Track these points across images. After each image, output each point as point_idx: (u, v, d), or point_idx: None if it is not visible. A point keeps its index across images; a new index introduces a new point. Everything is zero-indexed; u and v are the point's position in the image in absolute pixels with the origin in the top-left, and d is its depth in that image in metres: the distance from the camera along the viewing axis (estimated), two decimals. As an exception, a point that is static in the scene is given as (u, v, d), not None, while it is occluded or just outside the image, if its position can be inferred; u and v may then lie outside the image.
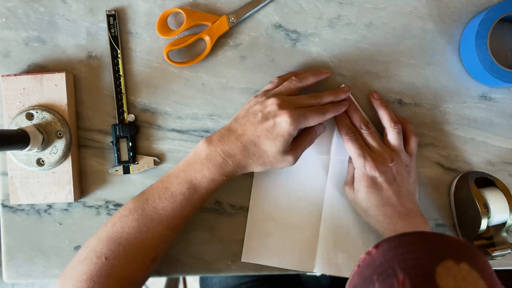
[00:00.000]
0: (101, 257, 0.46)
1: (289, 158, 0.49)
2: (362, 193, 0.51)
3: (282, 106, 0.48)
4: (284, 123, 0.47)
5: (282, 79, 0.53)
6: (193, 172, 0.48)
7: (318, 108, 0.50)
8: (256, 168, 0.49)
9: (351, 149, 0.52)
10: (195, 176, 0.48)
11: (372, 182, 0.50)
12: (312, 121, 0.49)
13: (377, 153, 0.51)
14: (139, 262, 0.48)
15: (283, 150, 0.48)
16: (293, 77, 0.52)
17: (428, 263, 0.33)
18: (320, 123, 0.52)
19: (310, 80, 0.52)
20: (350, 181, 0.53)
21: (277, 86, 0.52)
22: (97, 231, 0.49)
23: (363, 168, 0.50)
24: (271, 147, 0.48)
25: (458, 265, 0.33)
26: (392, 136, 0.52)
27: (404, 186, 0.50)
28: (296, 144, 0.50)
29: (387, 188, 0.50)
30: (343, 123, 0.53)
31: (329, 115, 0.51)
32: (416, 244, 0.37)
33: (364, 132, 0.52)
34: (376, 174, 0.50)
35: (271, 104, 0.48)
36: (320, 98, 0.51)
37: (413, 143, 0.53)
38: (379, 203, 0.50)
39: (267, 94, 0.50)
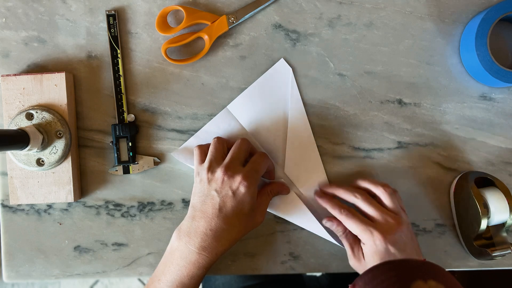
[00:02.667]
0: None
1: (258, 219, 0.50)
2: (370, 259, 0.49)
3: (230, 173, 0.48)
4: (241, 187, 0.47)
5: (205, 146, 0.53)
6: (172, 274, 0.48)
7: (259, 153, 0.51)
8: (231, 246, 0.49)
9: (353, 226, 0.49)
10: (175, 278, 0.48)
11: (386, 255, 0.48)
12: (264, 167, 0.50)
13: (381, 222, 0.48)
14: None
15: (250, 214, 0.48)
16: (215, 138, 0.52)
17: (401, 287, 0.35)
18: (284, 186, 0.53)
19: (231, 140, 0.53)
20: (356, 256, 0.51)
21: (203, 153, 0.52)
22: None
23: (373, 244, 0.48)
24: (239, 217, 0.48)
25: (426, 282, 0.36)
26: (388, 199, 0.50)
27: (413, 249, 0.49)
28: (260, 203, 0.51)
29: (400, 256, 0.48)
30: (333, 205, 0.52)
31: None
32: (387, 273, 0.39)
33: (358, 201, 0.50)
34: (387, 246, 0.47)
35: (220, 176, 0.48)
36: (248, 143, 0.52)
37: (399, 198, 0.52)
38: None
39: (207, 168, 0.49)
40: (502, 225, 0.53)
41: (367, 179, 0.52)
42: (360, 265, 0.51)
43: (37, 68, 0.56)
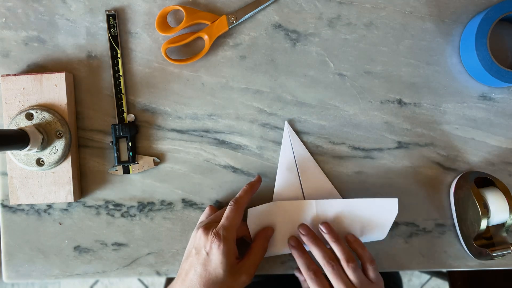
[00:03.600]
0: None
1: (242, 278, 0.48)
2: None
3: (206, 232, 0.48)
4: (214, 245, 0.46)
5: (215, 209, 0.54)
6: None
7: (235, 202, 0.50)
8: None
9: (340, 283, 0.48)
10: None
11: None
12: (237, 219, 0.49)
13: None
14: None
15: (228, 273, 0.47)
16: (231, 203, 0.50)
17: None
18: (266, 240, 0.52)
19: (246, 197, 0.51)
20: None
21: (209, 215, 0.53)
22: None
23: None
24: (217, 276, 0.46)
25: None
26: (373, 272, 0.50)
27: None
28: (246, 261, 0.49)
29: None
30: (302, 261, 0.51)
31: (244, 199, 0.51)
32: None
33: (329, 272, 0.49)
34: None
35: (199, 236, 0.48)
36: (237, 199, 0.51)
37: (372, 272, 0.50)
38: None
39: (196, 229, 0.50)
40: (502, 225, 0.53)
41: (357, 241, 0.52)
42: None
43: (37, 68, 0.56)
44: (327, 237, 0.51)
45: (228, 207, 0.50)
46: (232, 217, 0.49)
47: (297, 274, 0.55)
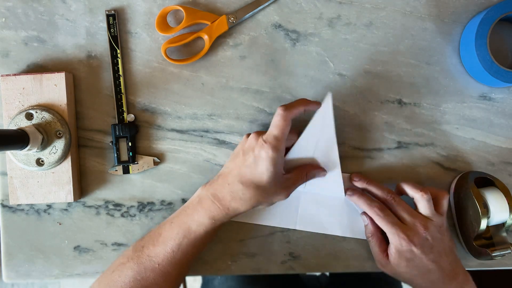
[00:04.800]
0: None
1: (281, 192, 0.48)
2: (402, 267, 0.50)
3: (257, 137, 0.47)
4: (263, 151, 0.45)
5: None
6: (185, 216, 0.49)
7: (284, 109, 0.47)
8: (246, 208, 0.47)
9: (382, 224, 0.50)
10: (186, 220, 0.48)
11: (411, 257, 0.49)
12: (286, 128, 0.46)
13: (409, 224, 0.50)
14: None
15: (271, 180, 0.46)
16: (280, 109, 0.47)
17: None
18: (322, 169, 0.52)
19: (297, 108, 0.48)
20: (382, 256, 0.52)
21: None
22: (101, 275, 0.50)
23: (399, 245, 0.49)
24: (259, 180, 0.46)
25: None
26: (423, 205, 0.51)
27: (443, 251, 0.50)
28: (288, 178, 0.50)
29: (426, 260, 0.49)
30: (364, 200, 0.52)
31: (295, 108, 0.48)
32: None
33: (391, 202, 0.51)
34: (412, 248, 0.49)
35: (249, 139, 0.48)
36: (287, 106, 0.48)
37: (445, 203, 0.52)
38: (421, 272, 0.50)
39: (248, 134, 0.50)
40: (502, 225, 0.53)
41: (409, 183, 0.52)
42: (386, 264, 0.52)
43: (37, 68, 0.56)
44: (361, 183, 0.54)
45: (277, 115, 0.47)
46: (282, 126, 0.46)
47: (363, 217, 0.54)
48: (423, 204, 0.51)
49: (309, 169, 0.52)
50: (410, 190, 0.52)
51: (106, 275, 0.49)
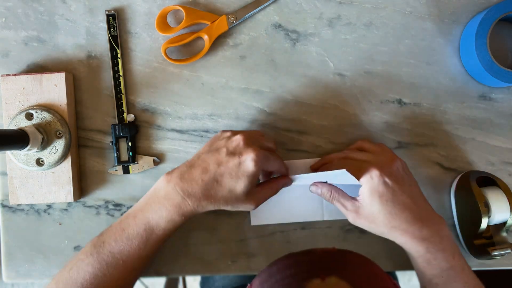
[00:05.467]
0: None
1: (251, 203, 0.47)
2: (376, 206, 0.47)
3: (248, 143, 0.46)
4: (250, 161, 0.45)
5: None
6: (151, 212, 0.46)
7: (276, 156, 0.50)
8: (214, 207, 0.47)
9: (348, 167, 0.47)
10: (152, 217, 0.46)
11: (384, 189, 0.47)
12: (274, 165, 0.49)
13: (374, 159, 0.49)
14: None
15: (246, 191, 0.46)
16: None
17: None
18: (288, 178, 0.52)
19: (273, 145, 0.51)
20: (352, 210, 0.49)
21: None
22: (58, 273, 0.48)
23: (370, 180, 0.47)
24: (235, 186, 0.45)
25: (324, 280, 0.32)
26: (373, 145, 0.51)
27: (413, 185, 0.49)
28: (259, 190, 0.49)
29: (401, 192, 0.47)
30: (327, 158, 0.53)
31: (284, 170, 0.51)
32: (283, 271, 0.37)
33: (348, 152, 0.51)
34: (384, 178, 0.47)
35: (237, 140, 0.47)
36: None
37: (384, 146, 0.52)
38: (397, 210, 0.47)
39: (233, 131, 0.49)
40: (502, 225, 0.53)
41: (343, 152, 0.53)
42: (359, 217, 0.49)
43: (37, 68, 0.56)
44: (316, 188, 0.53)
45: (270, 142, 0.50)
46: (276, 159, 0.48)
47: (313, 188, 0.53)
48: (374, 145, 0.50)
49: (279, 181, 0.52)
50: (355, 146, 0.52)
51: (63, 273, 0.47)
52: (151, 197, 0.47)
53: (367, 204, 0.48)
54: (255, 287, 0.38)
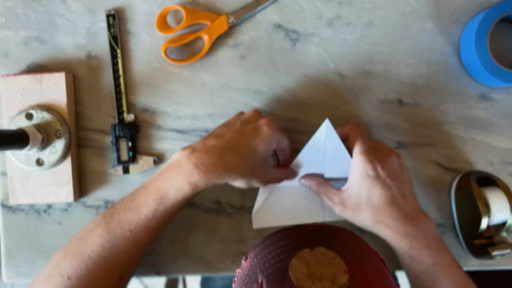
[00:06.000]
0: (64, 275, 0.44)
1: (263, 178, 0.48)
2: (363, 197, 0.47)
3: (260, 115, 0.48)
4: (265, 126, 0.46)
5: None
6: (162, 181, 0.45)
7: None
8: (227, 177, 0.45)
9: (356, 149, 0.48)
10: (163, 186, 0.45)
11: (375, 181, 0.46)
12: (285, 140, 0.49)
13: (374, 149, 0.49)
14: (103, 281, 0.45)
15: (263, 156, 0.46)
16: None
17: (284, 259, 0.33)
18: (293, 171, 0.52)
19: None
20: (338, 203, 0.49)
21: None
22: (67, 242, 0.47)
23: (364, 165, 0.47)
24: (249, 152, 0.45)
25: (313, 249, 0.33)
26: (373, 141, 0.51)
27: (406, 182, 0.49)
28: (271, 170, 0.50)
29: (390, 185, 0.47)
30: (309, 175, 0.53)
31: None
32: (276, 242, 0.38)
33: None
34: (379, 170, 0.46)
35: (251, 112, 0.49)
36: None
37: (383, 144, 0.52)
38: (384, 204, 0.46)
39: (245, 112, 0.50)
40: (502, 225, 0.53)
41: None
42: (345, 209, 0.49)
43: (37, 68, 0.56)
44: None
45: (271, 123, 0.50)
46: (284, 136, 0.49)
47: (302, 181, 0.53)
48: (374, 140, 0.50)
49: (286, 171, 0.52)
50: (352, 140, 0.50)
51: (72, 243, 0.46)
52: (164, 168, 0.46)
53: (355, 194, 0.48)
54: (250, 260, 0.39)
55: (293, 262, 0.32)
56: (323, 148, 0.51)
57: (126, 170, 0.56)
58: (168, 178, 0.45)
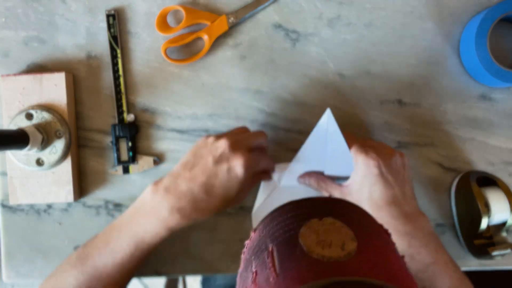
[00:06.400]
0: None
1: (235, 202, 0.48)
2: (364, 194, 0.47)
3: (234, 148, 0.45)
4: (239, 167, 0.44)
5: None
6: (136, 225, 0.45)
7: (266, 154, 0.50)
8: (204, 219, 0.46)
9: (355, 144, 0.48)
10: (137, 231, 0.45)
11: (377, 177, 0.46)
12: (263, 164, 0.49)
13: (374, 148, 0.49)
14: None
15: (234, 196, 0.46)
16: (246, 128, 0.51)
17: (294, 228, 0.34)
18: (268, 175, 0.53)
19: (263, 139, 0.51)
20: (341, 189, 0.50)
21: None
22: (43, 282, 0.47)
23: (366, 167, 0.47)
24: (227, 194, 0.45)
25: (321, 220, 0.34)
26: (373, 141, 0.51)
27: (407, 181, 0.48)
28: (243, 194, 0.49)
29: (392, 184, 0.46)
30: (309, 172, 0.52)
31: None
32: (285, 214, 0.38)
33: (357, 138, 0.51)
34: (382, 168, 0.46)
35: (223, 146, 0.45)
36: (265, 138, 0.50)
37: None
38: (384, 202, 0.47)
39: (216, 135, 0.48)
40: (502, 225, 0.53)
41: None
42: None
43: (37, 68, 0.56)
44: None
45: (266, 154, 0.50)
46: (266, 159, 0.50)
47: (301, 180, 0.53)
48: (374, 141, 0.50)
49: (261, 177, 0.52)
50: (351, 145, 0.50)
51: (49, 283, 0.47)
52: (137, 210, 0.46)
53: (356, 191, 0.48)
54: (259, 231, 0.39)
55: (302, 230, 0.33)
56: (324, 142, 0.50)
57: (126, 170, 0.56)
58: (142, 222, 0.45)
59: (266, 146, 0.52)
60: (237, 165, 0.45)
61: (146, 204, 0.46)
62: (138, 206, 0.46)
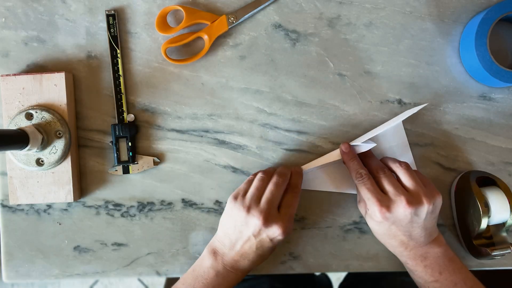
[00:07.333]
0: None
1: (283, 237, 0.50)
2: (372, 225, 0.51)
3: (267, 221, 0.47)
4: (279, 236, 0.48)
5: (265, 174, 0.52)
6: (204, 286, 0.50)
7: (293, 191, 0.52)
8: (257, 265, 0.52)
9: (364, 192, 0.49)
10: None
11: (385, 229, 0.49)
12: (296, 205, 0.51)
13: (392, 199, 0.47)
14: None
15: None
16: (261, 173, 0.52)
17: None
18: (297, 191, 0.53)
19: (300, 180, 0.54)
20: (363, 207, 0.52)
21: (247, 184, 0.51)
22: None
23: (373, 216, 0.49)
24: (272, 250, 0.51)
25: None
26: (405, 176, 0.49)
27: (417, 227, 0.48)
28: (284, 213, 0.50)
29: (397, 232, 0.49)
30: (354, 164, 0.51)
31: (299, 188, 0.53)
32: None
33: (381, 176, 0.49)
34: (386, 214, 0.47)
35: (257, 225, 0.47)
36: (286, 176, 0.52)
37: (420, 176, 0.51)
38: (392, 246, 0.51)
39: (246, 209, 0.48)
40: (502, 225, 0.53)
41: (391, 158, 0.53)
42: (365, 213, 0.52)
43: (37, 68, 0.56)
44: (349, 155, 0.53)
45: (291, 192, 0.52)
46: (295, 204, 0.51)
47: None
48: (404, 175, 0.49)
49: (293, 191, 0.53)
50: (390, 162, 0.51)
51: None
52: (200, 273, 0.51)
53: (368, 219, 0.52)
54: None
55: None
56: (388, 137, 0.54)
57: (126, 170, 0.56)
58: (210, 283, 0.51)
59: (300, 183, 0.53)
60: (277, 236, 0.48)
61: (209, 269, 0.51)
62: (200, 270, 0.51)
